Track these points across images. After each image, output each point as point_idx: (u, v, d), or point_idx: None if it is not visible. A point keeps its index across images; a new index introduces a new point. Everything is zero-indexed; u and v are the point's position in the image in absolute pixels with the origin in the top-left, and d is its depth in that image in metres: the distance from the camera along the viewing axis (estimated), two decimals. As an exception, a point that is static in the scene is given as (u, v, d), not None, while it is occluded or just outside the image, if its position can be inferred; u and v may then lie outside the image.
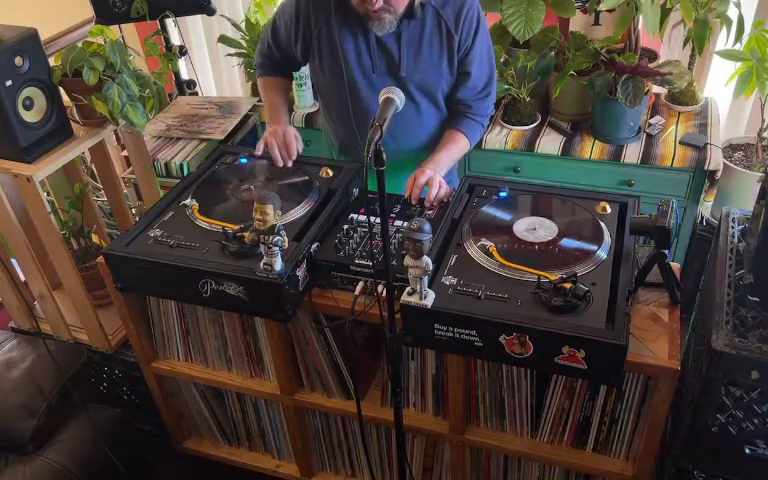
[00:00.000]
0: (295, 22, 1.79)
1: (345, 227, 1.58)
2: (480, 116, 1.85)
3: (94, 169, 2.24)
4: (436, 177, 1.67)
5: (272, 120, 1.88)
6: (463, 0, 1.71)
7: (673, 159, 2.19)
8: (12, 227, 1.83)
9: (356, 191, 1.76)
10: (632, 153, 2.24)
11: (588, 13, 2.39)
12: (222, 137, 2.26)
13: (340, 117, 1.89)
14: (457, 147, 1.81)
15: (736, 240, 1.48)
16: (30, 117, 1.70)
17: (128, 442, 2.00)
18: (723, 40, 2.15)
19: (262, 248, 1.37)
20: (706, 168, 2.16)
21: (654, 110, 2.43)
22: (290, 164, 1.79)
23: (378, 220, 1.34)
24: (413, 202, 1.67)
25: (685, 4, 2.07)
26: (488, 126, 1.88)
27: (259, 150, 1.82)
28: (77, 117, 1.87)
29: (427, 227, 1.19)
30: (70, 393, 1.88)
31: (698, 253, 2.30)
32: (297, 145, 1.81)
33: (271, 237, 1.34)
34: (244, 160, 1.86)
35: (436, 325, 1.32)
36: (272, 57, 1.93)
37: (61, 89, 1.78)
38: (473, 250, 1.45)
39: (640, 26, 2.29)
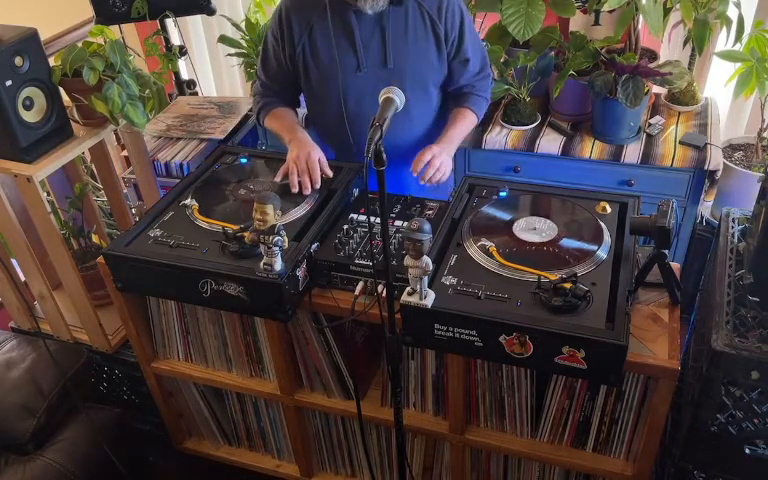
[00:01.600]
0: (281, 41, 1.80)
1: (345, 227, 1.58)
2: (484, 91, 1.94)
3: (94, 169, 2.24)
4: (437, 158, 1.71)
5: (291, 139, 1.76)
6: None
7: (673, 159, 2.19)
8: (12, 227, 1.83)
9: (356, 191, 1.76)
10: (632, 153, 2.24)
11: (588, 13, 2.38)
12: (222, 137, 2.27)
13: (334, 123, 1.88)
14: (466, 122, 1.88)
15: (736, 240, 1.48)
16: (30, 117, 1.70)
17: (128, 442, 2.00)
18: (723, 40, 2.15)
19: (262, 248, 1.37)
20: (706, 168, 2.16)
21: (654, 110, 2.43)
22: (307, 192, 1.67)
23: (378, 220, 1.34)
24: (414, 174, 1.71)
25: (685, 4, 2.06)
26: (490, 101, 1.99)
27: (278, 177, 1.72)
28: (77, 117, 1.87)
29: (427, 227, 1.19)
30: (70, 393, 1.88)
31: (698, 253, 2.29)
32: (324, 170, 1.71)
33: (271, 237, 1.34)
34: (244, 160, 1.86)
35: (436, 325, 1.32)
36: (270, 93, 1.90)
37: (61, 89, 1.78)
38: (473, 250, 1.45)
39: (640, 26, 2.29)
